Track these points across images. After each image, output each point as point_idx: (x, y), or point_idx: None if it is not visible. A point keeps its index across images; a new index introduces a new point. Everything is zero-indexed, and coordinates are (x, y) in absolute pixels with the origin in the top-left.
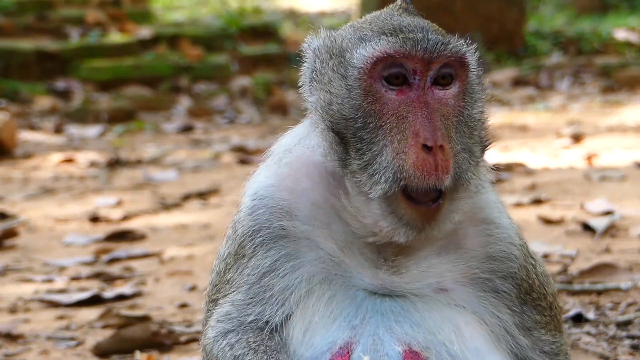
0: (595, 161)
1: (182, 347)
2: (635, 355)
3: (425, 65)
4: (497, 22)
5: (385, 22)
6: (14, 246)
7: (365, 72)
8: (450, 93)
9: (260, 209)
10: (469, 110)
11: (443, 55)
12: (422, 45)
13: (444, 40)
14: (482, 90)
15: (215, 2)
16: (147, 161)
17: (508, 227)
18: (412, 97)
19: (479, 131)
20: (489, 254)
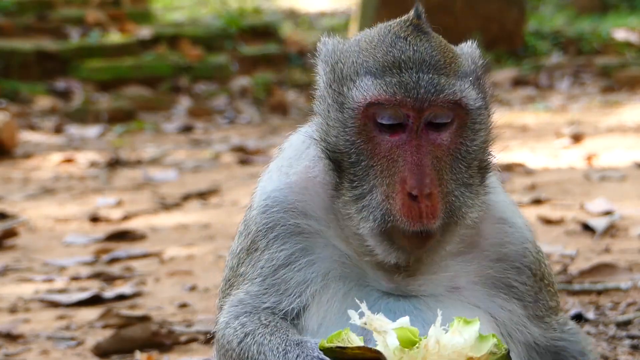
0: (595, 161)
1: (182, 347)
2: (635, 355)
3: (417, 112)
4: (497, 22)
5: (389, 50)
6: (14, 246)
7: (359, 112)
8: (446, 135)
9: (274, 208)
10: (467, 145)
11: (435, 103)
12: (413, 94)
13: (438, 87)
14: (485, 119)
15: (215, 2)
16: (147, 161)
17: (522, 226)
18: (405, 140)
19: (480, 159)
20: (503, 254)
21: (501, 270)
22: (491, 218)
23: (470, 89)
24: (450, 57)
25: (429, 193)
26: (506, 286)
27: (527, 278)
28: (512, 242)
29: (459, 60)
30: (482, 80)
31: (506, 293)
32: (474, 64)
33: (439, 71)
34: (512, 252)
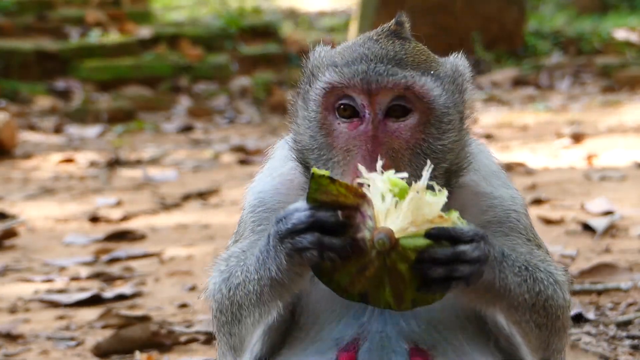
0: (595, 161)
1: (182, 347)
2: (635, 355)
3: (369, 97)
4: (497, 22)
5: (357, 49)
6: (14, 246)
7: (319, 104)
8: (406, 125)
9: (260, 207)
10: (431, 143)
11: (384, 87)
12: (362, 77)
13: (390, 72)
14: (455, 122)
15: (215, 2)
16: (147, 161)
17: (505, 196)
18: (361, 130)
19: (449, 161)
20: (485, 220)
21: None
22: (471, 194)
23: (435, 85)
24: (421, 59)
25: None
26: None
27: (516, 237)
28: (495, 209)
29: (432, 64)
30: (460, 87)
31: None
32: (452, 70)
33: (400, 64)
34: (495, 219)
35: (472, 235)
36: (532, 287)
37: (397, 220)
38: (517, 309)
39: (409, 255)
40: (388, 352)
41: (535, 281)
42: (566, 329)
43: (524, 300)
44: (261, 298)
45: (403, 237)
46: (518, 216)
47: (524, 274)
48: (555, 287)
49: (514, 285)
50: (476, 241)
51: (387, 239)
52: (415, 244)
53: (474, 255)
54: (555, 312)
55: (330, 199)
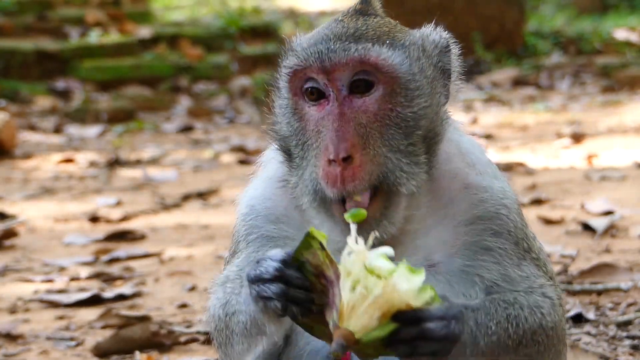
0: (595, 161)
1: (182, 347)
2: (635, 355)
3: (328, 75)
4: (497, 22)
5: (320, 31)
6: (14, 246)
7: (288, 89)
8: (371, 99)
9: (250, 215)
10: (399, 112)
11: (339, 63)
12: (316, 56)
13: (345, 48)
14: (424, 87)
15: (215, 2)
16: (147, 161)
17: (495, 188)
18: (328, 110)
19: (423, 127)
20: (476, 216)
21: (476, 232)
22: (461, 185)
23: (394, 54)
24: (382, 31)
25: (346, 157)
26: (483, 249)
27: (505, 241)
28: (485, 204)
29: (394, 34)
30: (428, 52)
31: (484, 258)
32: (421, 38)
33: (357, 39)
34: (486, 214)
35: (440, 315)
36: (514, 332)
37: (363, 317)
38: (497, 355)
39: (370, 348)
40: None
41: (519, 325)
42: (561, 338)
43: (506, 346)
44: (247, 330)
45: (366, 334)
46: (508, 212)
47: (504, 325)
48: (543, 317)
49: (490, 344)
50: (446, 320)
51: (341, 349)
52: (378, 335)
53: (440, 333)
54: (547, 336)
55: (315, 262)
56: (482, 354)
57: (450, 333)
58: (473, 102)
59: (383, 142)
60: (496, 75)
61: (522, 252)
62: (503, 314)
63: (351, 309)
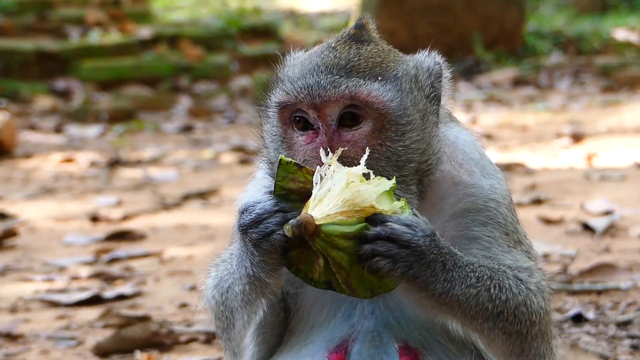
0: (595, 161)
1: (182, 347)
2: (635, 355)
3: (317, 110)
4: (497, 22)
5: (313, 60)
6: (14, 246)
7: (277, 119)
8: (361, 133)
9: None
10: (390, 146)
11: (329, 100)
12: (306, 93)
13: (335, 84)
14: (415, 122)
15: (215, 2)
16: (147, 161)
17: (483, 186)
18: (317, 142)
19: (416, 160)
20: (462, 208)
21: (464, 224)
22: (450, 183)
23: (385, 89)
24: (375, 62)
25: None
26: (471, 239)
27: (494, 230)
28: (472, 198)
29: (387, 65)
30: (421, 84)
31: (471, 246)
32: (415, 67)
33: (348, 72)
34: (473, 207)
35: (408, 222)
36: (497, 295)
37: (325, 207)
38: (474, 318)
39: (337, 242)
40: (380, 352)
41: (502, 289)
42: (545, 335)
43: (485, 309)
44: (244, 297)
45: (328, 224)
46: (497, 206)
47: (486, 283)
48: (528, 294)
49: (467, 296)
50: (413, 229)
51: (296, 226)
52: (343, 230)
53: (403, 237)
54: (530, 319)
55: (297, 187)
56: (458, 306)
57: (414, 241)
58: (473, 102)
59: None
60: (496, 75)
61: (513, 243)
62: (487, 272)
63: (318, 201)
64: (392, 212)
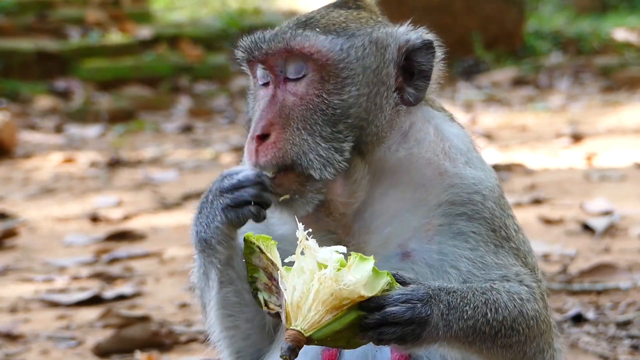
0: (595, 161)
1: (182, 347)
2: (635, 355)
3: (264, 63)
4: (496, 22)
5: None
6: (14, 246)
7: (250, 76)
8: (301, 83)
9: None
10: (325, 97)
11: (266, 52)
12: (249, 44)
13: (275, 36)
14: (359, 75)
15: (215, 3)
16: (147, 161)
17: (467, 176)
18: (265, 93)
19: (354, 116)
20: (445, 200)
21: (449, 216)
22: (435, 172)
23: (327, 41)
24: (336, 21)
25: (262, 134)
26: (456, 234)
27: (480, 226)
28: (455, 189)
29: (349, 25)
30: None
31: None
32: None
33: (295, 28)
34: (457, 199)
35: (403, 298)
36: (493, 318)
37: (309, 314)
38: (472, 343)
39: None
40: (372, 349)
41: (498, 310)
42: (544, 332)
43: (483, 333)
44: (201, 269)
45: (318, 330)
46: (483, 199)
47: (482, 309)
48: (523, 304)
49: (465, 329)
50: (410, 302)
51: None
52: (334, 329)
53: (404, 316)
54: (527, 325)
55: (263, 266)
56: (457, 341)
57: (416, 315)
58: (473, 102)
59: (304, 125)
60: (496, 75)
61: (500, 240)
62: (481, 298)
63: (297, 308)
64: (381, 292)
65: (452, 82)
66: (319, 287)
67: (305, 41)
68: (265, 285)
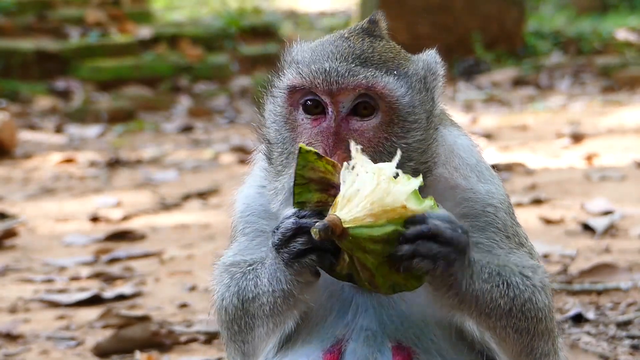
0: (595, 161)
1: (182, 347)
2: (635, 355)
3: (331, 97)
4: (497, 22)
5: (326, 47)
6: (14, 246)
7: (285, 100)
8: (369, 124)
9: (246, 212)
10: (394, 141)
11: (345, 87)
12: (322, 77)
13: (352, 72)
14: (421, 121)
15: (215, 2)
16: (147, 161)
17: (481, 191)
18: (324, 127)
19: (415, 159)
20: (460, 213)
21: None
22: (447, 186)
23: (399, 84)
24: (388, 57)
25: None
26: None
27: (494, 235)
28: (470, 202)
29: (400, 62)
30: (429, 85)
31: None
32: (423, 68)
33: (364, 63)
34: (471, 212)
35: (448, 219)
36: (505, 292)
37: (354, 209)
38: (489, 315)
39: (364, 244)
40: (373, 351)
41: (510, 286)
42: (551, 332)
43: (498, 306)
44: (275, 309)
45: (356, 227)
46: (496, 211)
47: (495, 279)
48: (534, 290)
49: (484, 292)
50: (453, 225)
51: (323, 230)
52: (371, 234)
53: (447, 234)
54: (536, 315)
55: (317, 176)
56: (475, 301)
57: (456, 238)
58: (473, 102)
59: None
60: (496, 75)
61: (515, 245)
62: (495, 269)
63: (346, 201)
64: (423, 210)
65: (453, 82)
66: (375, 187)
67: (386, 84)
68: (316, 205)
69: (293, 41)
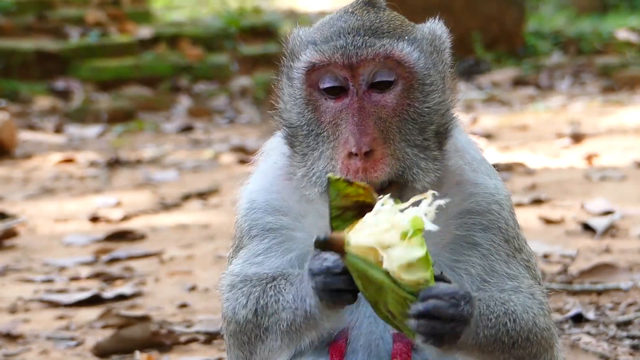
0: (595, 161)
1: (182, 347)
2: (635, 355)
3: (351, 71)
4: (497, 22)
5: (335, 24)
6: (14, 246)
7: (302, 81)
8: (390, 95)
9: (252, 210)
10: (417, 107)
11: (365, 59)
12: (342, 52)
13: (369, 43)
14: (438, 82)
15: (215, 2)
16: (147, 161)
17: (488, 185)
18: (347, 104)
19: (437, 123)
20: (466, 209)
21: (466, 226)
22: (455, 181)
23: (413, 49)
24: (396, 25)
25: (368, 151)
26: (471, 244)
27: (494, 237)
28: (476, 198)
29: (408, 28)
30: (438, 48)
31: (470, 253)
32: (429, 33)
33: (376, 34)
34: (477, 208)
35: (451, 293)
36: (512, 328)
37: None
38: (492, 353)
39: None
40: (377, 338)
41: (516, 321)
42: (552, 346)
43: (502, 343)
44: (294, 327)
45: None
46: (500, 209)
47: (503, 320)
48: (535, 317)
49: (488, 338)
50: (456, 299)
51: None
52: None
53: (448, 312)
54: (540, 338)
55: (351, 203)
56: (479, 349)
57: (458, 314)
58: (473, 102)
59: (401, 137)
60: (496, 75)
61: (512, 251)
62: (501, 308)
63: (365, 225)
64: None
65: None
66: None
67: (402, 50)
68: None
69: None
